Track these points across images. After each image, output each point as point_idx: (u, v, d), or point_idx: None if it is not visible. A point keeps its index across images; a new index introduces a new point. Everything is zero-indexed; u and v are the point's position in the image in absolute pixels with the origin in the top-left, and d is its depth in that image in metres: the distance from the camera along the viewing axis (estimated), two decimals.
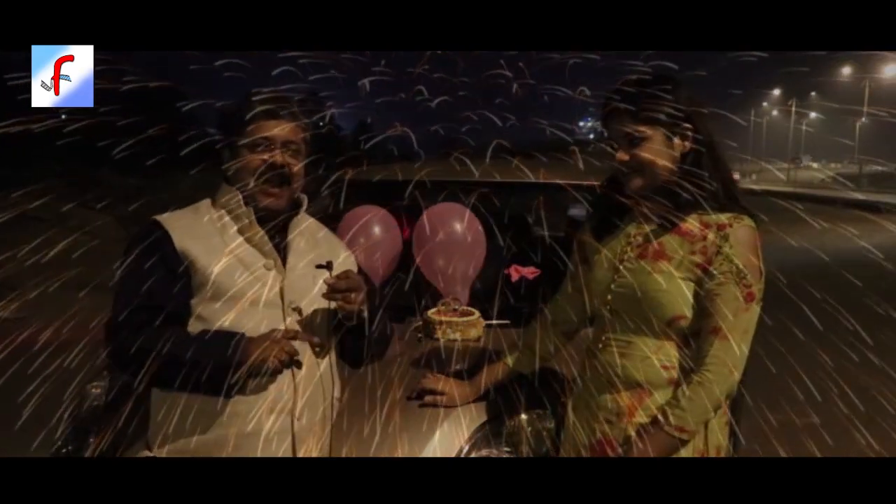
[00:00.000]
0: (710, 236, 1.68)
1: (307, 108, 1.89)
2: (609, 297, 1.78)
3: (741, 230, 1.68)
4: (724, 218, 1.70)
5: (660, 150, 1.71)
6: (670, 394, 1.70)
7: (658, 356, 1.72)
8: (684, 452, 1.70)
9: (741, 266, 1.66)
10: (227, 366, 1.64)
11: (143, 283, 1.72)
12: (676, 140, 1.72)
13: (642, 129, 1.71)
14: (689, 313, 1.70)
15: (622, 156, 1.72)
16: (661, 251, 1.73)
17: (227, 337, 1.68)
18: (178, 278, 1.73)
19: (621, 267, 1.78)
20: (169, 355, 1.65)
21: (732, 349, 1.65)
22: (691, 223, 1.71)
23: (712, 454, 1.72)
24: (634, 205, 1.80)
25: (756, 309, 1.69)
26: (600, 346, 1.80)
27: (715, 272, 1.67)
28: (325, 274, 1.75)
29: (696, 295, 1.70)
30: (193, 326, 1.73)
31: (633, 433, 1.71)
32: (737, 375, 1.68)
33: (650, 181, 1.73)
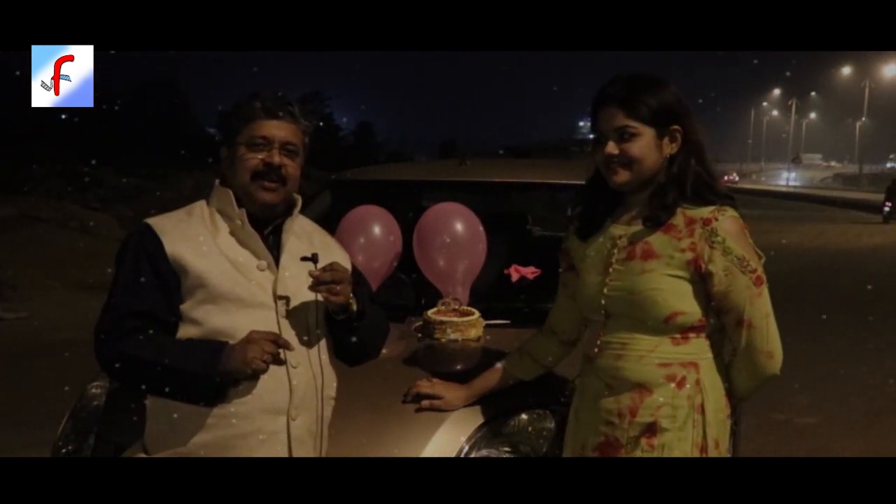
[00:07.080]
0: (698, 231, 1.71)
1: (307, 109, 1.88)
2: (602, 301, 1.78)
3: (726, 221, 1.71)
4: (706, 212, 1.73)
5: (648, 148, 1.74)
6: (670, 391, 1.71)
7: (654, 354, 1.73)
8: (681, 443, 1.70)
9: (739, 255, 1.70)
10: (212, 375, 1.65)
11: (133, 288, 1.72)
12: (665, 140, 1.75)
13: (634, 124, 1.72)
14: (687, 309, 1.71)
15: (611, 149, 1.74)
16: (649, 250, 1.74)
17: (211, 346, 1.68)
18: (169, 283, 1.72)
19: (611, 270, 1.78)
20: (156, 364, 1.65)
21: (764, 334, 1.72)
22: (676, 220, 1.74)
23: (710, 447, 1.72)
24: (620, 204, 1.82)
25: (767, 290, 1.74)
26: (596, 350, 1.80)
27: (717, 270, 1.69)
28: (311, 267, 1.75)
29: (694, 291, 1.72)
30: (185, 330, 1.72)
31: (636, 433, 1.72)
32: (779, 355, 1.75)
33: (635, 177, 1.75)
